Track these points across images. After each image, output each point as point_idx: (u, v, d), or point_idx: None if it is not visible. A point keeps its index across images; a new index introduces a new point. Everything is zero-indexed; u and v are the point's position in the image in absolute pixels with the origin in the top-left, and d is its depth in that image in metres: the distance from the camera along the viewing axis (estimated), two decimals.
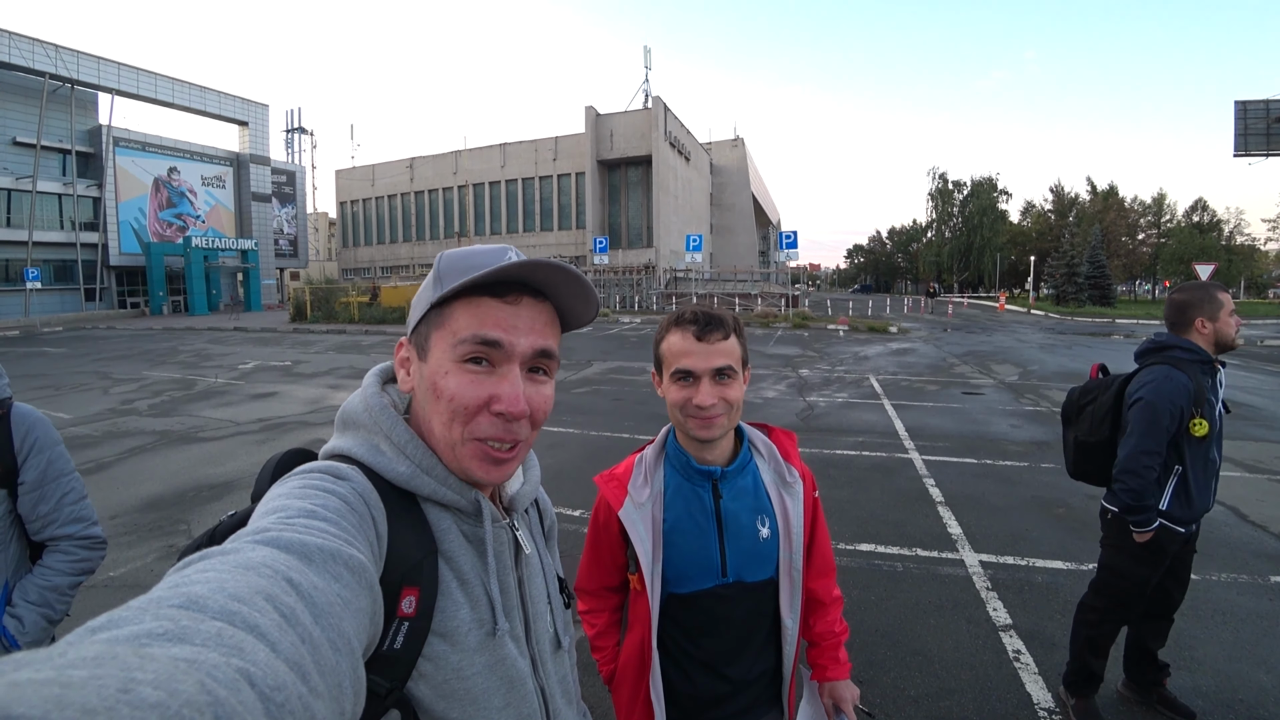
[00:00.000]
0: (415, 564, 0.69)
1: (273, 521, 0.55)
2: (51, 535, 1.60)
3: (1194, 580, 3.80)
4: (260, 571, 0.45)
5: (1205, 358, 2.41)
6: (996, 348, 17.32)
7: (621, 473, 1.40)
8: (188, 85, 39.58)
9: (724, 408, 1.26)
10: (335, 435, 0.79)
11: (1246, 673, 2.99)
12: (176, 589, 0.40)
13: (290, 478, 0.67)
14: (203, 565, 0.45)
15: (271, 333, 23.63)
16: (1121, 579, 2.57)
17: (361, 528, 0.62)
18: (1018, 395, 10.16)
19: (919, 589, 3.78)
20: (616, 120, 39.86)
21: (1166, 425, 2.34)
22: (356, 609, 0.51)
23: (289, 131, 60.62)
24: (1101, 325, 27.03)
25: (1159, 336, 2.53)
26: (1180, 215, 56.60)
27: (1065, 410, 2.78)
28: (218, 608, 0.39)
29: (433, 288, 0.76)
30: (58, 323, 30.76)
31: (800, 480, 1.39)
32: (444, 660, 0.70)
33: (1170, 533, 2.45)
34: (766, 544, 1.35)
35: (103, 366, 14.27)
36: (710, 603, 1.35)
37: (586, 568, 1.51)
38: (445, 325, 0.74)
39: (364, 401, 0.78)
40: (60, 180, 34.82)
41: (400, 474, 0.72)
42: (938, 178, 68.65)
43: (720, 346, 1.26)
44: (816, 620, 1.50)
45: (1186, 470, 2.42)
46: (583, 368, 13.06)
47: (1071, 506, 5.06)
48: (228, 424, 8.28)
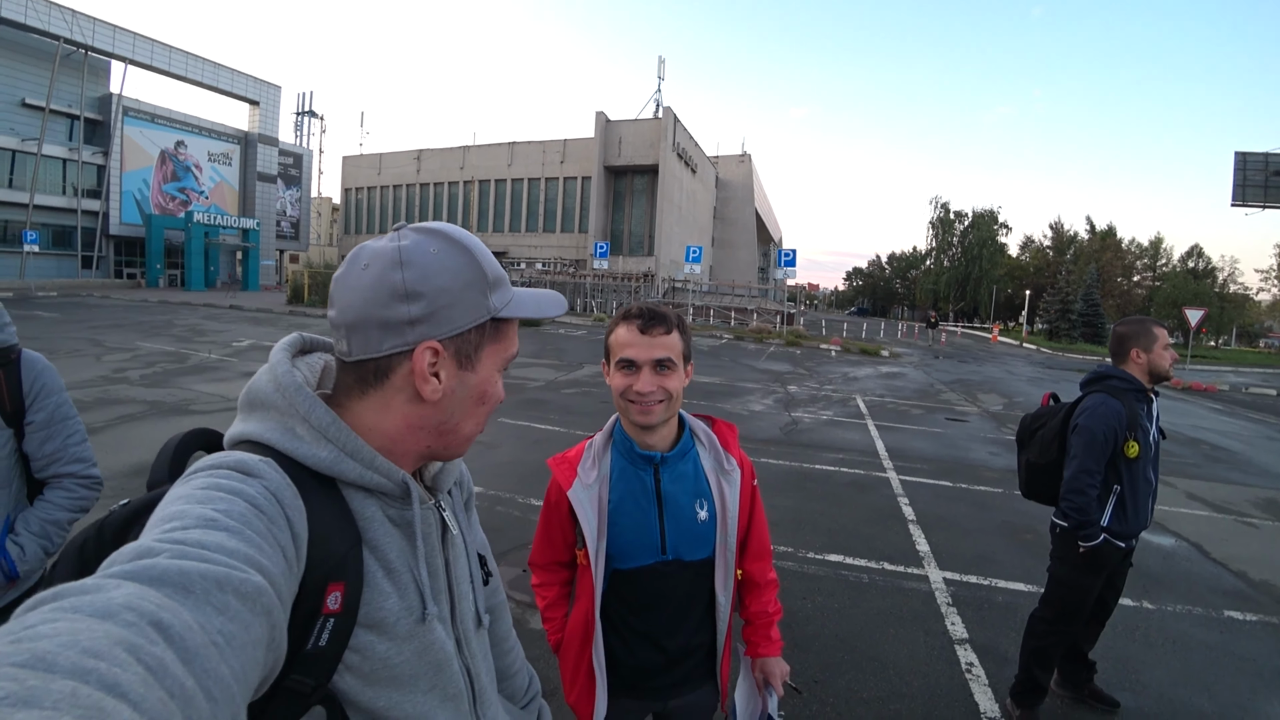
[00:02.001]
0: (340, 557, 0.66)
1: (160, 537, 0.50)
2: (55, 473, 1.69)
3: (1150, 609, 3.97)
4: (120, 618, 0.40)
5: (1139, 386, 2.62)
6: (985, 378, 17.52)
7: (573, 456, 1.50)
8: (201, 60, 39.67)
9: (662, 395, 1.36)
10: (240, 418, 0.71)
11: (1189, 698, 3.10)
12: (18, 644, 0.35)
13: (193, 476, 0.61)
14: (50, 612, 0.40)
15: (267, 313, 23.63)
16: (1067, 588, 2.74)
17: (272, 533, 0.58)
18: (1001, 424, 10.30)
19: (882, 600, 3.89)
20: (626, 128, 40.07)
21: (1103, 447, 2.54)
22: (245, 642, 0.47)
23: (299, 114, 60.63)
24: (1091, 363, 27.21)
25: (1100, 367, 2.75)
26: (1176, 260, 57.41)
27: (1019, 435, 2.98)
28: (69, 665, 0.34)
29: (482, 293, 0.75)
30: (52, 287, 30.66)
31: (738, 469, 1.49)
32: (371, 651, 0.69)
33: (1111, 546, 2.63)
34: (704, 526, 1.45)
35: (96, 334, 14.29)
36: (651, 579, 1.46)
37: (539, 544, 1.60)
38: (501, 341, 0.79)
39: (274, 380, 0.70)
40: (66, 145, 34.84)
41: (321, 459, 0.68)
42: (939, 207, 69.33)
43: (661, 340, 1.36)
44: (752, 600, 1.61)
45: (1124, 489, 2.61)
46: (574, 369, 13.15)
47: (1039, 533, 5.14)
48: (218, 399, 8.33)
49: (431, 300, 0.70)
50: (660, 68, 44.46)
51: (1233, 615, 4.03)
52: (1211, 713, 3.00)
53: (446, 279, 0.71)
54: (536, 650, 3.10)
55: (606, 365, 1.48)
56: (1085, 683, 3.00)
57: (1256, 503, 6.74)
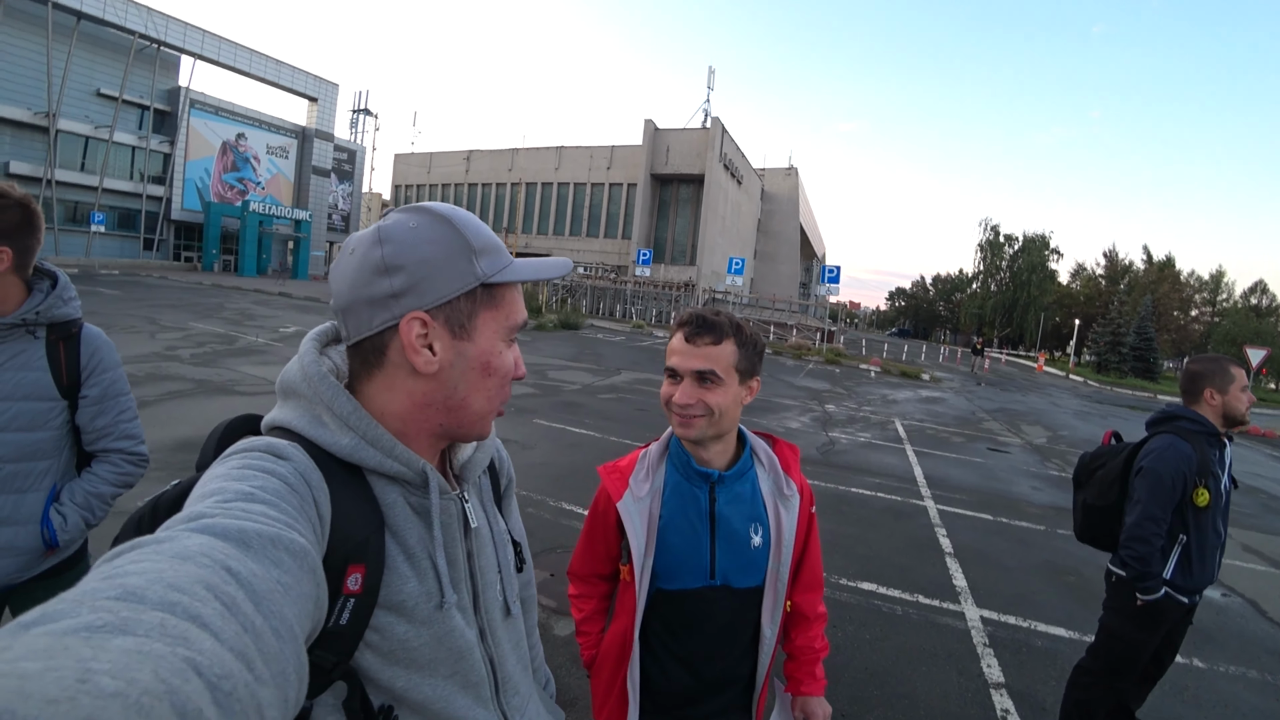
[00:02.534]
0: (361, 540, 0.68)
1: (209, 506, 0.53)
2: (104, 448, 1.71)
3: (1201, 668, 3.76)
4: (198, 560, 0.43)
5: (1212, 430, 2.44)
6: (1029, 408, 16.99)
7: (625, 465, 1.44)
8: (264, 57, 41.14)
9: (703, 409, 1.28)
10: (277, 405, 0.75)
11: None
12: (111, 580, 0.39)
13: (229, 457, 0.65)
14: (136, 555, 0.43)
15: (314, 302, 24.22)
16: (1120, 642, 2.58)
17: (303, 509, 0.60)
18: (1045, 458, 9.97)
19: (915, 635, 3.75)
20: (674, 136, 40.17)
21: (1170, 493, 2.37)
22: (299, 594, 0.50)
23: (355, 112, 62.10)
24: (1142, 399, 26.29)
25: (1170, 407, 2.57)
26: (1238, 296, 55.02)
27: (1076, 474, 2.81)
28: (157, 598, 0.37)
29: (467, 260, 0.74)
30: (115, 266, 32.02)
31: (798, 494, 1.41)
32: (390, 631, 0.70)
33: (1172, 601, 2.46)
34: (757, 552, 1.37)
35: (152, 313, 14.82)
36: (695, 603, 1.38)
37: (581, 553, 1.55)
38: (499, 307, 0.77)
39: (302, 369, 0.73)
40: (135, 134, 36.40)
41: (343, 446, 0.70)
42: (989, 229, 67.66)
43: (705, 350, 1.28)
44: (798, 634, 1.52)
45: (1191, 540, 2.44)
46: (611, 375, 13.16)
47: (1083, 575, 4.97)
48: (263, 381, 8.54)
49: (412, 272, 0.71)
50: (710, 78, 44.54)
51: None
52: None
53: (427, 250, 0.72)
54: (559, 659, 3.08)
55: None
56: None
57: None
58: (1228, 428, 2.49)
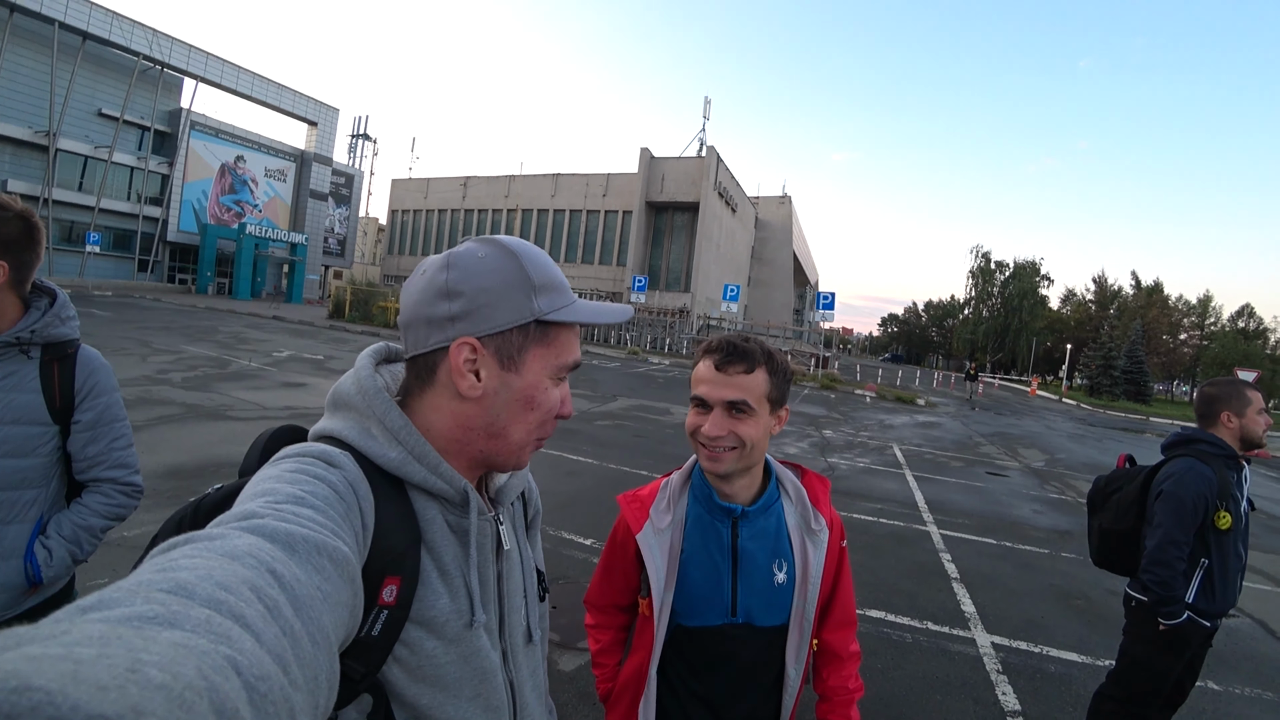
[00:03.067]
0: (399, 553, 0.69)
1: (260, 505, 0.55)
2: (95, 477, 1.61)
3: (1216, 690, 3.70)
4: (245, 561, 0.44)
5: (1230, 453, 2.42)
6: (1025, 432, 16.99)
7: (646, 495, 1.38)
8: (266, 81, 41.48)
9: (733, 441, 1.22)
10: (326, 415, 0.77)
11: None
12: (164, 573, 0.40)
13: (282, 459, 0.66)
14: (189, 550, 0.45)
15: (308, 326, 24.15)
16: (1143, 669, 2.52)
17: (348, 517, 0.62)
18: (1044, 481, 9.93)
19: (927, 663, 3.67)
20: (669, 165, 40.57)
21: (1192, 517, 2.34)
22: (336, 602, 0.51)
23: (354, 136, 62.78)
24: (1135, 421, 26.39)
25: (1186, 430, 2.55)
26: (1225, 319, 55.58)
27: (1091, 498, 2.78)
28: (205, 595, 0.38)
29: (526, 294, 0.75)
30: (108, 287, 31.88)
31: (826, 529, 1.34)
32: (419, 647, 0.71)
33: (1196, 625, 2.41)
34: (781, 589, 1.31)
35: (144, 335, 14.70)
36: (716, 640, 1.32)
37: (598, 583, 1.49)
38: (550, 346, 0.78)
39: (357, 383, 0.76)
40: (135, 154, 36.51)
41: (391, 460, 0.72)
42: (980, 256, 68.41)
43: (738, 380, 1.22)
44: (830, 673, 1.44)
45: (1213, 563, 2.41)
46: (608, 401, 13.09)
47: (1091, 599, 4.90)
48: (255, 407, 8.44)
49: (471, 298, 0.73)
50: (706, 108, 45.14)
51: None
52: None
53: (488, 280, 0.74)
54: (564, 695, 2.98)
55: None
56: None
57: None
58: (1245, 450, 2.46)
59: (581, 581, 4.17)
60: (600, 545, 4.81)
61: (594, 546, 4.79)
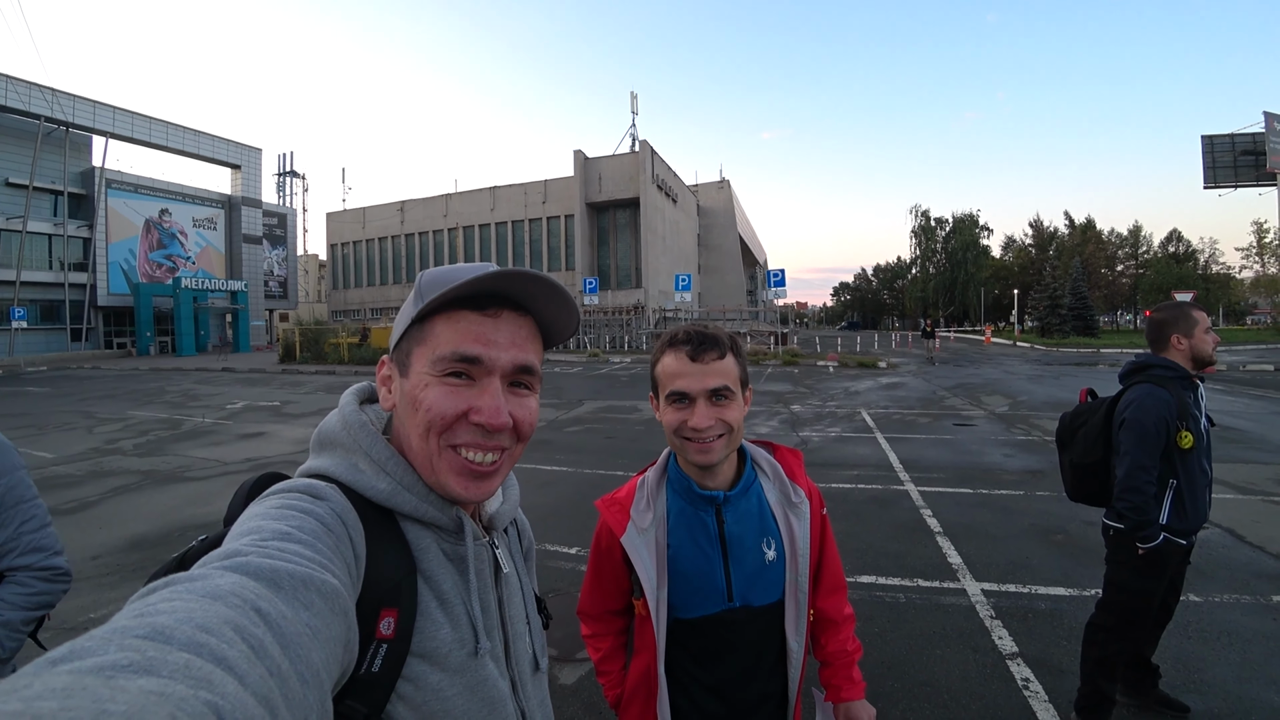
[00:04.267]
0: (394, 585, 0.67)
1: (245, 544, 0.53)
2: (8, 566, 1.46)
3: (1197, 602, 3.82)
4: (228, 601, 0.43)
5: (1184, 374, 2.50)
6: (986, 380, 17.44)
7: (624, 497, 1.36)
8: (181, 129, 40.08)
9: (722, 429, 1.22)
10: (312, 455, 0.76)
11: (1257, 693, 2.94)
12: (141, 619, 0.39)
13: (267, 497, 0.65)
14: (168, 593, 0.43)
15: (260, 373, 23.44)
16: (1129, 594, 2.59)
17: (338, 549, 0.61)
18: (1009, 425, 10.19)
19: (923, 619, 3.72)
20: (605, 164, 40.54)
21: (1155, 441, 2.41)
22: (327, 638, 0.50)
23: (281, 175, 61.11)
24: (1086, 355, 27.31)
25: (1140, 357, 2.62)
26: (1156, 246, 58.01)
27: (1059, 435, 2.84)
28: (185, 639, 0.37)
29: (413, 303, 0.75)
30: (42, 362, 30.48)
31: (806, 499, 1.36)
32: (424, 681, 0.68)
33: (1172, 544, 2.49)
34: (772, 567, 1.31)
35: (87, 406, 14.08)
36: (717, 628, 1.32)
37: (589, 592, 1.47)
38: (426, 341, 0.73)
39: (342, 420, 0.76)
40: (51, 220, 34.91)
41: (380, 491, 0.71)
42: (920, 215, 70.15)
43: (715, 366, 1.22)
44: (828, 639, 1.46)
45: (1181, 483, 2.48)
46: (574, 407, 13.01)
47: (1070, 533, 5.04)
48: (215, 464, 8.15)
49: (395, 326, 0.79)
50: (634, 102, 45.13)
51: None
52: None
53: (402, 308, 0.78)
54: (570, 709, 2.94)
55: (655, 400, 1.33)
56: (1151, 689, 2.84)
57: (1279, 480, 6.62)
58: (1198, 369, 2.54)
59: (572, 592, 4.12)
60: (584, 553, 4.76)
61: (580, 555, 4.74)
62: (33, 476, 1.55)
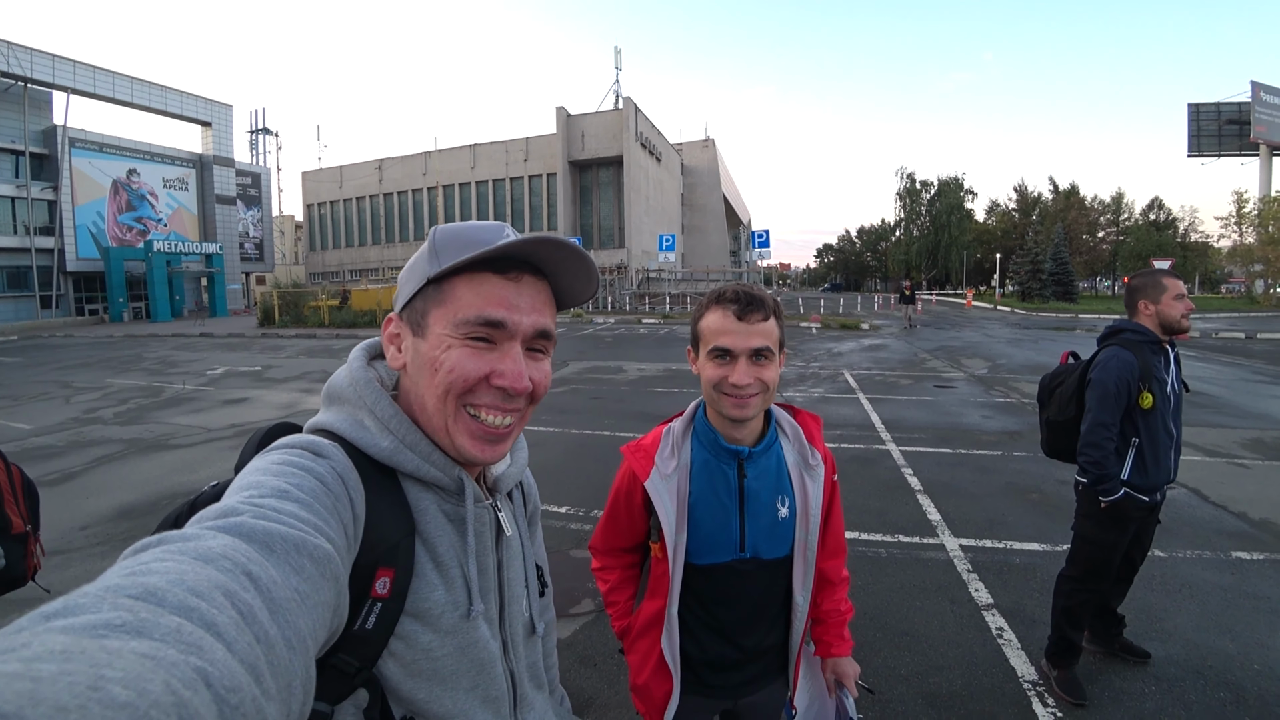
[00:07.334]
0: (392, 545, 0.69)
1: (241, 501, 0.54)
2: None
3: (1162, 557, 3.99)
4: (219, 564, 0.43)
5: (1152, 338, 2.61)
6: (966, 343, 17.70)
7: (649, 444, 1.42)
8: (148, 84, 38.53)
9: (759, 387, 1.28)
10: (321, 410, 0.77)
11: (1213, 642, 3.12)
12: (133, 577, 0.39)
13: (270, 451, 0.66)
14: (160, 552, 0.43)
15: (239, 338, 23.14)
16: (1092, 545, 2.74)
17: (336, 509, 0.61)
18: (988, 388, 10.40)
19: (903, 573, 3.87)
20: (587, 121, 39.83)
21: (1116, 400, 2.53)
22: (316, 603, 0.50)
23: (253, 132, 59.32)
24: (1065, 320, 27.72)
25: (1116, 322, 2.74)
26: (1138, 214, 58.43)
27: (1039, 394, 2.97)
28: (176, 602, 0.37)
29: (428, 261, 0.74)
30: (11, 331, 29.73)
31: (822, 463, 1.42)
32: (415, 640, 0.70)
33: (1133, 500, 2.62)
34: (784, 523, 1.38)
35: (63, 375, 13.86)
36: (727, 576, 1.39)
37: (603, 530, 1.54)
38: (446, 303, 0.73)
39: (349, 376, 0.77)
40: (13, 183, 33.62)
41: (382, 449, 0.71)
42: (905, 177, 69.86)
43: (760, 327, 1.27)
44: (824, 598, 1.54)
45: (1143, 441, 2.61)
46: (559, 368, 13.03)
47: (1044, 492, 5.22)
48: (199, 430, 8.11)
49: (400, 283, 0.79)
50: (617, 58, 44.32)
51: (1240, 556, 4.08)
52: (1235, 653, 3.02)
53: (412, 262, 0.78)
54: (565, 660, 3.04)
55: (693, 353, 1.38)
56: (1116, 637, 3.01)
57: (1244, 444, 6.86)
58: (1168, 335, 2.64)
59: (563, 550, 4.22)
60: (576, 512, 4.86)
61: (570, 514, 4.83)
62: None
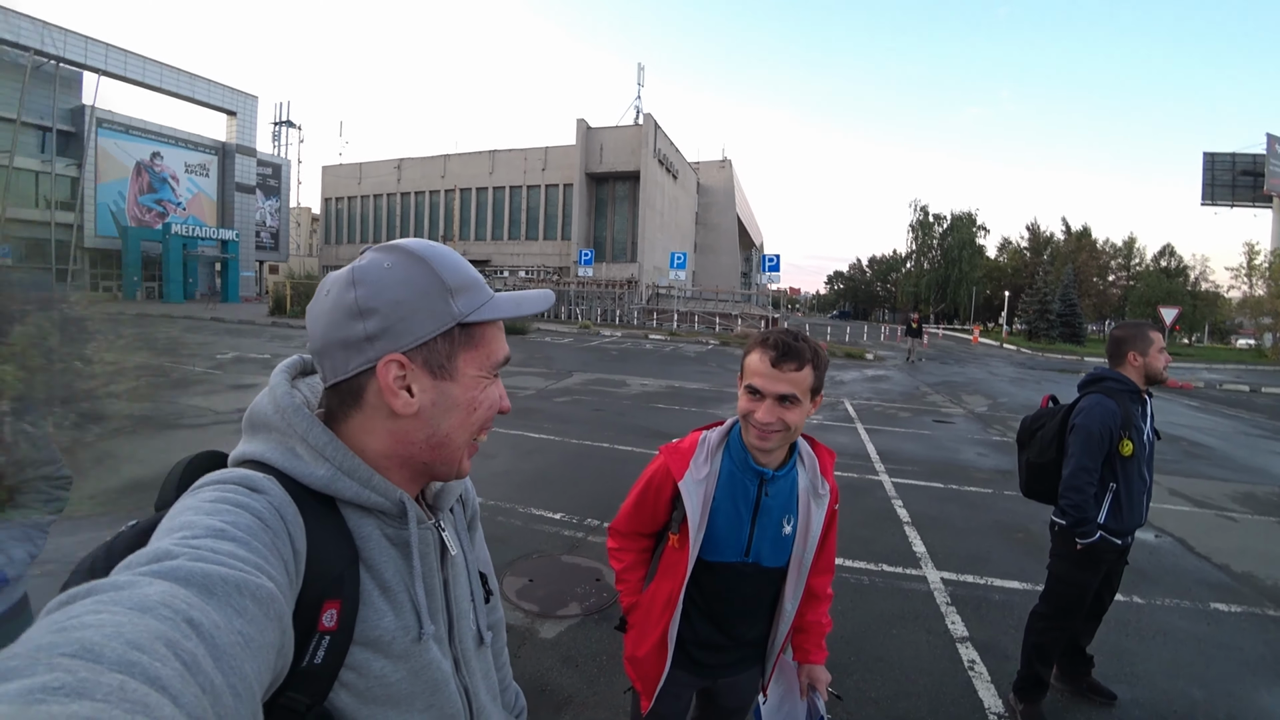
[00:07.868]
0: (336, 575, 0.67)
1: (174, 543, 0.51)
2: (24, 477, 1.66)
3: (1140, 603, 4.07)
4: (158, 613, 0.41)
5: (1134, 388, 2.72)
6: (969, 379, 17.76)
7: (686, 448, 1.60)
8: (176, 71, 39.23)
9: (781, 426, 1.43)
10: (244, 439, 0.72)
11: (1182, 688, 3.20)
12: (67, 634, 0.37)
13: (200, 488, 0.62)
14: (93, 604, 0.41)
15: (250, 325, 23.39)
16: (1065, 585, 2.84)
17: (276, 546, 0.59)
18: (986, 425, 10.47)
19: (883, 601, 3.96)
20: (607, 134, 40.16)
21: (1099, 446, 2.64)
22: (261, 645, 0.49)
23: (277, 124, 60.19)
24: (1070, 362, 27.71)
25: (1097, 370, 2.85)
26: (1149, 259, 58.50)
27: (1020, 435, 3.07)
28: (115, 657, 0.36)
29: (442, 299, 0.72)
30: None
31: (829, 493, 1.60)
32: (367, 668, 0.69)
33: (1108, 543, 2.73)
34: (786, 539, 1.57)
35: None
36: (729, 574, 1.59)
37: (626, 516, 1.71)
38: (478, 346, 0.76)
39: (273, 401, 0.72)
40: (39, 157, 34.23)
41: (319, 478, 0.68)
42: (919, 210, 70.21)
43: (790, 375, 1.42)
44: (809, 610, 1.72)
45: (1120, 487, 2.71)
46: (563, 378, 13.15)
47: (1030, 532, 5.29)
48: (208, 412, 8.26)
49: (386, 314, 0.69)
50: (640, 75, 44.69)
51: (1218, 607, 4.15)
52: (1203, 700, 3.10)
53: (400, 292, 0.70)
54: (547, 660, 3.14)
55: (740, 380, 1.54)
56: (1084, 676, 3.09)
57: (1235, 497, 6.92)
58: (1149, 385, 2.76)
59: (555, 555, 4.32)
60: (570, 519, 4.97)
61: (564, 520, 4.94)
62: None
